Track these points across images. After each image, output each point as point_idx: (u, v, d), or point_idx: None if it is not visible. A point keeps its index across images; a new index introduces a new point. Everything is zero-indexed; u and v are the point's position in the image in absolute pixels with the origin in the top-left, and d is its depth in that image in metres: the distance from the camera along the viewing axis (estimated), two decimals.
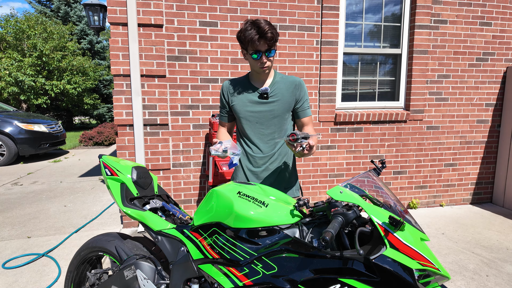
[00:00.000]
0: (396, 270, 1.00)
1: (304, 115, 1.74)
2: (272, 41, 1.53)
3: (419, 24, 3.64)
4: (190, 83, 3.25)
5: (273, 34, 1.51)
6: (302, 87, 1.71)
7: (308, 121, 1.75)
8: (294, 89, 1.70)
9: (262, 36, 1.51)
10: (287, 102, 1.69)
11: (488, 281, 2.43)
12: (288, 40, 3.41)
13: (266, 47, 1.54)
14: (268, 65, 1.60)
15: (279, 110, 1.68)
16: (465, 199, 4.16)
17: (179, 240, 1.49)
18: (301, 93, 1.71)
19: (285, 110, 1.69)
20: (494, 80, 3.99)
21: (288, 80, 1.71)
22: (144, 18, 3.02)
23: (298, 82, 1.71)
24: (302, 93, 1.71)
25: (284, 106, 1.68)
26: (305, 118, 1.74)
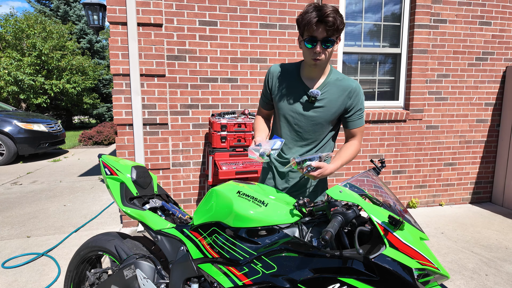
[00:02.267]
0: (396, 270, 1.00)
1: (352, 126, 1.54)
2: (333, 28, 1.30)
3: (419, 23, 3.64)
4: (189, 82, 3.25)
5: (335, 19, 1.28)
6: (357, 94, 1.49)
7: (356, 132, 1.56)
8: (346, 97, 1.49)
9: (321, 20, 1.29)
10: (333, 111, 1.49)
11: (487, 280, 2.43)
12: (287, 39, 3.40)
13: (325, 34, 1.32)
14: (322, 58, 1.37)
15: (321, 118, 1.49)
16: (465, 199, 4.17)
17: (178, 240, 1.50)
18: (354, 102, 1.49)
19: (328, 119, 1.50)
20: (493, 80, 3.99)
21: (342, 85, 1.49)
22: (143, 18, 3.02)
23: (353, 88, 1.48)
24: (355, 102, 1.50)
25: (328, 115, 1.49)
26: (353, 129, 1.55)
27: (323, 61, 1.39)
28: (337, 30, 1.33)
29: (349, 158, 1.50)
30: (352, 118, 1.53)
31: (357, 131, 1.56)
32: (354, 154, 1.52)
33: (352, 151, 1.51)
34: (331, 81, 1.49)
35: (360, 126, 1.55)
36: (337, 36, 1.36)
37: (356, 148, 1.53)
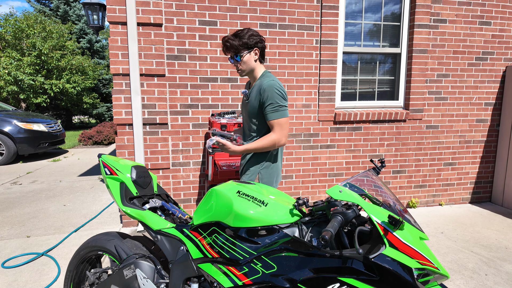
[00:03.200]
0: (395, 269, 1.00)
1: (266, 119, 1.82)
2: (232, 48, 1.77)
3: (419, 23, 3.64)
4: (189, 82, 3.25)
5: (230, 42, 1.77)
6: (265, 91, 1.76)
7: (271, 125, 1.80)
8: (258, 93, 1.80)
9: (223, 45, 1.81)
10: (254, 106, 1.82)
11: (487, 280, 2.43)
12: (287, 39, 3.40)
13: (232, 53, 1.80)
14: (241, 69, 1.83)
15: (250, 113, 1.85)
16: (464, 198, 4.17)
17: (178, 240, 1.49)
18: (263, 97, 1.77)
19: (252, 113, 1.84)
20: (493, 80, 3.99)
21: (259, 84, 1.81)
22: (143, 17, 3.02)
23: (263, 86, 1.77)
24: (265, 98, 1.76)
25: (252, 110, 1.83)
26: (268, 121, 1.81)
27: (244, 70, 1.84)
28: (237, 48, 1.78)
29: (259, 145, 1.79)
30: (265, 111, 1.79)
31: (272, 124, 1.79)
32: (267, 142, 1.79)
33: (264, 140, 1.79)
34: (257, 83, 1.84)
35: (272, 120, 1.78)
36: (242, 51, 1.79)
37: (270, 138, 1.79)
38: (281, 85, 1.79)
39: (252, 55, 1.81)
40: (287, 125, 1.81)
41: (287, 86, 3.49)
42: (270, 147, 1.80)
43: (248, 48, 1.79)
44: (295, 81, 3.49)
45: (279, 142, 1.81)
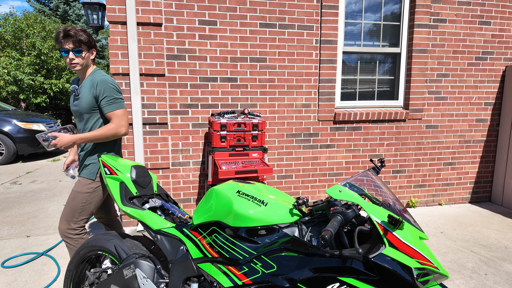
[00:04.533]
0: (395, 269, 1.00)
1: (104, 112, 1.89)
2: (76, 39, 1.78)
3: (418, 23, 3.64)
4: (189, 82, 3.25)
5: (75, 34, 1.78)
6: (99, 85, 1.84)
7: (109, 116, 1.89)
8: (91, 88, 1.86)
9: (66, 35, 1.78)
10: (87, 101, 1.87)
11: (486, 280, 2.43)
12: (287, 39, 3.40)
13: (72, 45, 1.79)
14: (78, 63, 1.84)
15: (82, 108, 1.88)
16: (464, 198, 4.17)
17: (178, 239, 1.49)
18: (98, 91, 1.85)
19: (85, 108, 1.88)
20: (493, 79, 3.99)
21: (89, 80, 1.88)
22: (143, 17, 3.02)
23: (96, 80, 1.85)
24: (99, 91, 1.85)
25: (84, 105, 1.87)
26: (106, 113, 1.89)
27: (80, 64, 1.86)
28: (82, 42, 1.82)
29: (97, 133, 1.84)
30: (101, 105, 1.87)
31: (110, 115, 1.88)
32: (106, 131, 1.85)
33: (103, 129, 1.85)
34: (88, 79, 1.90)
35: (110, 112, 1.88)
36: (84, 46, 1.83)
37: (109, 127, 1.86)
38: (113, 80, 1.94)
39: (91, 53, 1.91)
40: (125, 116, 1.92)
41: (287, 85, 3.49)
42: (110, 136, 1.87)
43: (90, 47, 1.89)
44: (295, 81, 3.49)
45: (119, 132, 1.89)
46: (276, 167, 3.59)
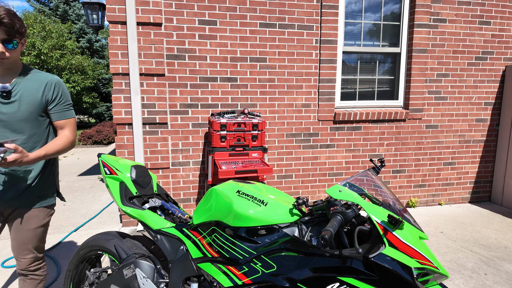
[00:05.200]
0: (395, 269, 1.00)
1: (57, 118, 1.59)
2: (12, 29, 1.39)
3: (418, 23, 3.64)
4: (189, 81, 3.25)
5: (12, 21, 1.38)
6: (56, 87, 1.56)
7: (63, 124, 1.61)
8: (44, 88, 1.54)
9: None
10: (35, 105, 1.52)
11: (486, 280, 2.43)
12: (287, 38, 3.40)
13: (4, 35, 1.38)
14: (10, 57, 1.44)
15: (24, 114, 1.49)
16: (464, 198, 4.17)
17: (178, 239, 1.49)
18: (54, 94, 1.55)
19: (32, 114, 1.51)
20: (493, 79, 3.99)
21: (37, 78, 1.54)
22: (143, 17, 3.02)
23: (52, 81, 1.55)
24: (55, 94, 1.55)
25: (30, 110, 1.51)
26: (60, 120, 1.60)
27: (11, 59, 1.45)
28: (17, 32, 1.42)
29: (58, 147, 1.55)
30: (54, 110, 1.58)
31: (65, 123, 1.62)
32: (65, 143, 1.58)
33: (61, 140, 1.57)
34: (29, 77, 1.54)
35: (66, 118, 1.62)
36: (18, 38, 1.44)
37: (67, 139, 1.59)
38: None
39: (23, 44, 1.52)
40: (76, 125, 1.70)
41: (286, 85, 3.49)
42: (68, 148, 1.61)
43: (22, 36, 1.48)
44: (294, 81, 3.49)
45: (74, 142, 1.66)
46: (276, 167, 3.59)
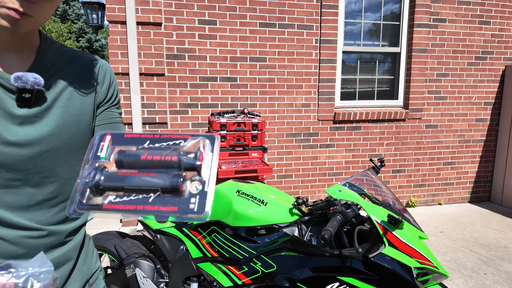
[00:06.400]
0: (395, 268, 1.00)
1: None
2: None
3: (418, 22, 3.64)
4: (189, 81, 3.25)
5: None
6: (111, 76, 0.82)
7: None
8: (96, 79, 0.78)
9: None
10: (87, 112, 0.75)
11: (486, 279, 2.44)
12: (287, 38, 3.40)
13: None
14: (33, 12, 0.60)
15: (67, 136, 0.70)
16: (464, 198, 4.17)
17: (178, 239, 1.50)
18: (111, 89, 0.81)
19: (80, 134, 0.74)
20: (492, 79, 3.99)
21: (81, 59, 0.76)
22: (142, 16, 3.02)
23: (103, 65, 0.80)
24: (113, 89, 0.82)
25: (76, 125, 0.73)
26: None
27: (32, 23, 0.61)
28: None
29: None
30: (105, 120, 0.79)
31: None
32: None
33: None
34: (57, 56, 0.72)
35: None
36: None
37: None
38: None
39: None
40: None
41: (286, 85, 3.49)
42: None
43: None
44: (294, 81, 3.49)
45: None
46: (276, 167, 3.59)
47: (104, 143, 0.50)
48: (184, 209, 0.42)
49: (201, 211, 0.41)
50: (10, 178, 0.64)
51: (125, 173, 0.45)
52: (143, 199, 0.43)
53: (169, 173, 0.43)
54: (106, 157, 0.48)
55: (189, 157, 0.44)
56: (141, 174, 0.44)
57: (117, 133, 0.51)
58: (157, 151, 0.46)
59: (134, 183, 0.43)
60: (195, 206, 0.42)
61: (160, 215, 0.43)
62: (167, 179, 0.43)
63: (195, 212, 0.41)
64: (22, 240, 0.66)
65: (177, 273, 1.44)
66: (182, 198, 0.42)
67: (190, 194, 0.43)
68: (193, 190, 0.43)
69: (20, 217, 0.66)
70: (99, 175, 0.44)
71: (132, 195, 0.44)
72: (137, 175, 0.44)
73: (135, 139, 0.50)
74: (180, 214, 0.42)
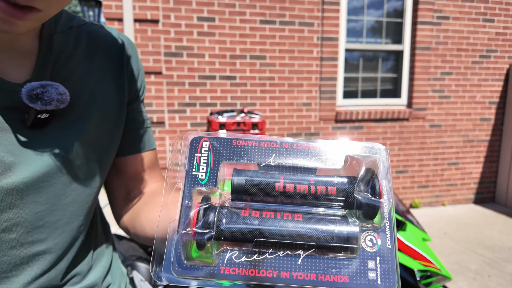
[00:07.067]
0: None
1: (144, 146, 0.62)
2: None
3: (422, 20, 3.59)
4: (187, 80, 3.21)
5: None
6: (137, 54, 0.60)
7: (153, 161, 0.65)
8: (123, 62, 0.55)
9: None
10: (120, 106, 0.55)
11: (490, 281, 2.39)
12: (287, 36, 3.35)
13: None
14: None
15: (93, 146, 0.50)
16: (468, 199, 4.12)
17: None
18: (139, 80, 0.60)
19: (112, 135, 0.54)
20: (497, 78, 3.93)
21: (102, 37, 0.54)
22: (140, 14, 2.98)
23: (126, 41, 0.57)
24: (141, 80, 0.60)
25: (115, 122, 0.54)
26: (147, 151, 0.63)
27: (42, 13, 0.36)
28: None
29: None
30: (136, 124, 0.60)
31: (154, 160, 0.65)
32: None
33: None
34: (69, 33, 0.49)
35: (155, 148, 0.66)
36: None
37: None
38: None
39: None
40: None
41: (287, 84, 3.44)
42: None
43: None
44: (295, 79, 3.44)
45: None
46: None
47: (200, 155, 0.30)
48: (359, 280, 0.25)
49: (389, 285, 0.25)
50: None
51: (254, 213, 0.27)
52: (286, 260, 0.26)
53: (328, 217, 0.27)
54: (207, 181, 0.29)
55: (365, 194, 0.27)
56: (279, 217, 0.27)
57: (219, 139, 0.31)
58: (298, 178, 0.28)
59: (276, 232, 0.26)
60: (377, 275, 0.25)
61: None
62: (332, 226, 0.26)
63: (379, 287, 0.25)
64: None
65: None
66: (351, 262, 0.26)
67: (363, 253, 0.26)
68: (368, 245, 0.27)
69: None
70: (218, 215, 0.27)
71: (267, 252, 0.26)
72: (275, 218, 0.27)
73: (251, 148, 0.30)
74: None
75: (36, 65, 0.45)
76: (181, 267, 0.27)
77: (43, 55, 0.45)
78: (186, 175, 0.30)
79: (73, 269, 0.50)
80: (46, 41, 0.46)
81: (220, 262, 0.27)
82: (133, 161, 0.61)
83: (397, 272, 0.25)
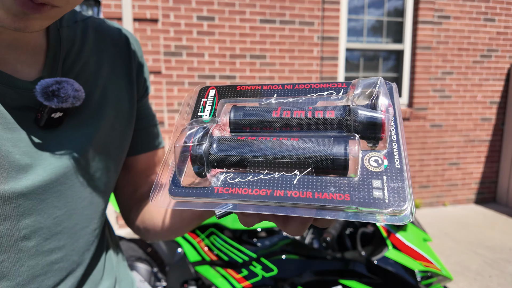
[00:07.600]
0: (398, 272, 0.97)
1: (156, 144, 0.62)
2: None
3: (422, 19, 3.58)
4: (187, 79, 3.20)
5: None
6: (141, 50, 0.58)
7: (161, 158, 0.64)
8: (130, 57, 0.53)
9: None
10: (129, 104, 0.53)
11: (491, 282, 2.39)
12: (288, 35, 3.35)
13: None
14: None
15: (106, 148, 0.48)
16: (469, 199, 4.12)
17: (175, 242, 1.46)
18: (145, 71, 0.58)
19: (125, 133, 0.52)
20: (498, 78, 3.93)
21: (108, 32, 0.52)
22: (139, 13, 2.97)
23: (130, 37, 0.56)
24: (147, 70, 0.59)
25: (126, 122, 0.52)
26: (158, 150, 0.62)
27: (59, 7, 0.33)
28: None
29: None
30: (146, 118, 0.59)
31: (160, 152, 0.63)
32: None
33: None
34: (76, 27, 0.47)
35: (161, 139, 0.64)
36: None
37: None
38: None
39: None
40: None
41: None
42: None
43: None
44: (295, 79, 3.44)
45: None
46: None
47: (206, 100, 0.33)
48: (363, 198, 0.23)
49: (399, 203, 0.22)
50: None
51: (249, 138, 0.27)
52: (281, 179, 0.25)
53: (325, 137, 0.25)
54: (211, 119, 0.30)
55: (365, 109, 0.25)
56: (275, 139, 0.26)
57: (225, 86, 0.34)
58: (297, 106, 0.28)
59: (270, 152, 0.25)
60: (384, 194, 0.23)
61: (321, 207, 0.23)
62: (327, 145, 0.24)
63: (386, 205, 0.22)
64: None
65: (175, 277, 1.40)
66: (351, 180, 0.24)
67: (367, 173, 0.24)
68: (372, 165, 0.25)
69: None
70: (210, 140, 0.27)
71: (262, 173, 0.26)
72: (271, 139, 0.26)
73: (254, 91, 0.32)
74: (356, 206, 0.22)
75: (46, 61, 0.42)
76: (176, 188, 0.27)
77: (52, 50, 0.43)
78: (192, 117, 0.31)
79: (89, 275, 0.48)
80: (54, 36, 0.44)
81: (214, 183, 0.27)
82: (143, 159, 0.60)
83: (409, 189, 0.23)
